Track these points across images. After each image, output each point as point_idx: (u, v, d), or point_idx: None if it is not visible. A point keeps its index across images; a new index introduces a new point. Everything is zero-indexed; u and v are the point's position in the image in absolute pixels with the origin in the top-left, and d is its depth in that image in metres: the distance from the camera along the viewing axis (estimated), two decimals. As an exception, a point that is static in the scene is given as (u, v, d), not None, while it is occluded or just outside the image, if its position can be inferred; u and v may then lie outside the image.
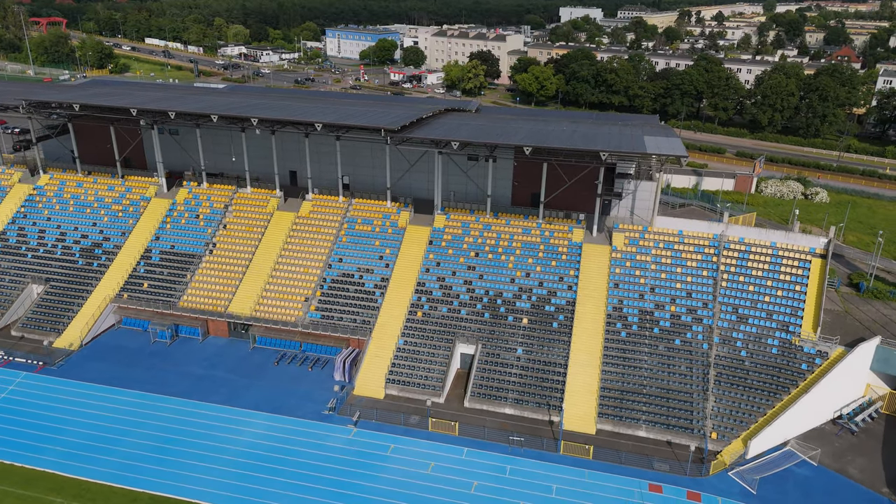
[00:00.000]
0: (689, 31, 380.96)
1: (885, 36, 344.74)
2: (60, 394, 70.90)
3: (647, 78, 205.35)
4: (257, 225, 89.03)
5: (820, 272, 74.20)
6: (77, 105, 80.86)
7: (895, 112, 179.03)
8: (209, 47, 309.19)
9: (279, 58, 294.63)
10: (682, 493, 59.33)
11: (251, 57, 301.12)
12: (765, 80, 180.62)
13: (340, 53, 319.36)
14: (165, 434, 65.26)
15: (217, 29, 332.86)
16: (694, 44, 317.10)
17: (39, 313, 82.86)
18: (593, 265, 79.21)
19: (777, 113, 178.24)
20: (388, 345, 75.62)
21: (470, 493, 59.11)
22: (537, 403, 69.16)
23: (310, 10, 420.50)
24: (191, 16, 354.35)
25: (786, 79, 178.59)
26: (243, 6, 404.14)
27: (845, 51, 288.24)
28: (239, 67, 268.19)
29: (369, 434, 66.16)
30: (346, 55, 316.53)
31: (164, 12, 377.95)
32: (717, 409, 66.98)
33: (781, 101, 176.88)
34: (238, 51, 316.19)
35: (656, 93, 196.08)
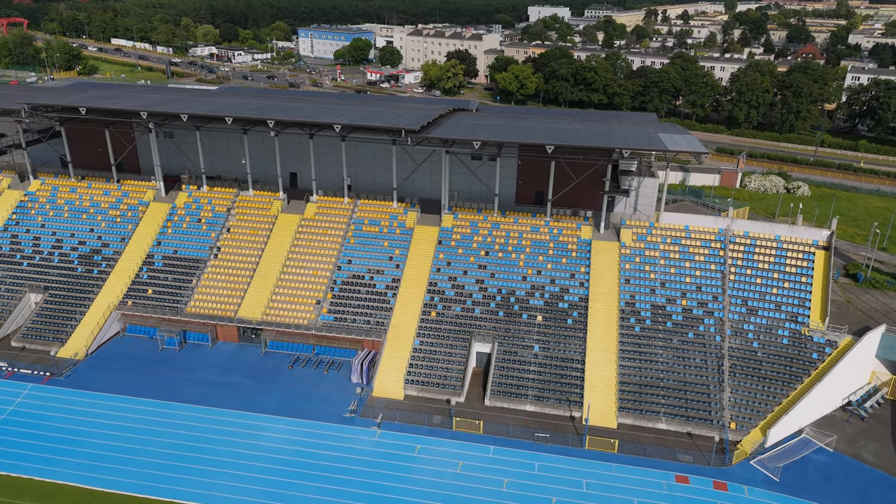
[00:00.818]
0: (656, 29, 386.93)
1: (844, 33, 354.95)
2: (72, 404, 69.19)
3: (624, 76, 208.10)
4: (262, 228, 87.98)
5: (824, 264, 76.38)
6: (84, 108, 78.78)
7: (864, 107, 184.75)
8: (179, 48, 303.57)
9: (252, 58, 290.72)
10: (708, 483, 60.57)
11: (222, 57, 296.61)
12: (740, 78, 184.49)
13: (314, 53, 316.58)
14: (186, 442, 64.18)
15: (185, 29, 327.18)
16: (664, 42, 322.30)
17: (40, 323, 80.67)
18: (603, 262, 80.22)
19: (753, 109, 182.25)
20: (404, 345, 75.52)
21: (502, 490, 59.47)
22: (558, 400, 69.84)
23: (278, 9, 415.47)
24: (157, 16, 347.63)
25: (760, 76, 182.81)
26: (210, 6, 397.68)
27: (809, 48, 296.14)
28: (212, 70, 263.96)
29: (394, 435, 66.03)
30: (319, 55, 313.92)
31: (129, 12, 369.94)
32: (734, 399, 68.49)
33: (757, 98, 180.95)
34: (208, 51, 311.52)
35: (635, 90, 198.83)
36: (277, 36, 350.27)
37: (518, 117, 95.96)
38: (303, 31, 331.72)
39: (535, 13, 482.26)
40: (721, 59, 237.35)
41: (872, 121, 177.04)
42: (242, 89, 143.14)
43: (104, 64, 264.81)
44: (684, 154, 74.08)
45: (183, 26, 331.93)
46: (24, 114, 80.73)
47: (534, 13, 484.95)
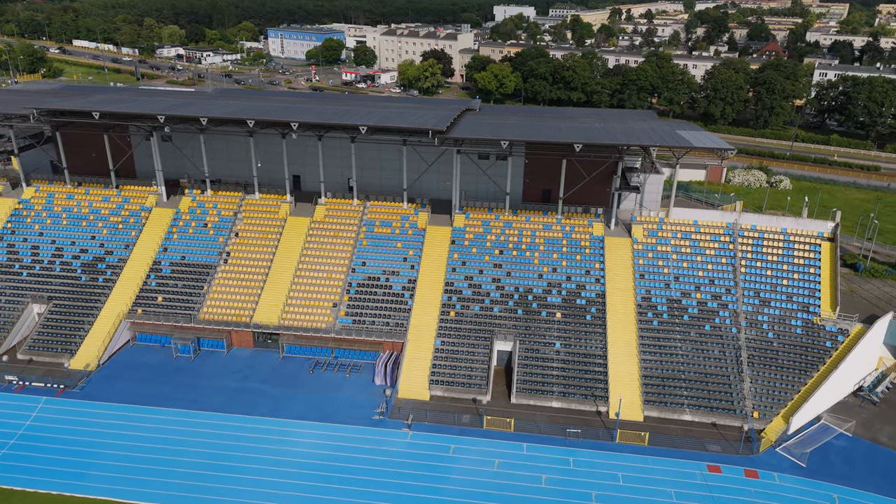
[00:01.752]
0: (622, 28, 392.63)
1: (802, 31, 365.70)
2: (91, 416, 67.40)
3: (601, 74, 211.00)
4: (271, 232, 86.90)
5: (830, 255, 78.87)
6: (97, 113, 76.62)
7: (832, 102, 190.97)
8: (144, 49, 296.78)
9: (222, 59, 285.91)
10: (739, 471, 62.09)
11: (191, 59, 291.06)
12: (715, 75, 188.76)
13: (284, 54, 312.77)
14: (216, 451, 63.14)
15: (149, 29, 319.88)
16: (633, 41, 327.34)
17: (46, 334, 78.30)
18: (617, 258, 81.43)
19: (728, 106, 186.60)
20: (426, 346, 75.51)
21: (541, 486, 60.01)
22: (583, 395, 70.69)
23: (243, 9, 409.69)
24: (119, 16, 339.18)
25: (734, 73, 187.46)
26: (173, 6, 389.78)
27: (772, 46, 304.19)
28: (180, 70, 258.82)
29: (426, 436, 66.02)
30: (290, 55, 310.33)
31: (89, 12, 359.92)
32: (754, 389, 70.30)
33: (732, 95, 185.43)
34: (174, 52, 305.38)
35: (613, 88, 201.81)
36: (244, 36, 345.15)
37: (528, 116, 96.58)
38: (272, 32, 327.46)
39: (501, 12, 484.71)
40: (693, 57, 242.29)
41: (842, 115, 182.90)
42: (241, 91, 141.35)
43: (68, 66, 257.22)
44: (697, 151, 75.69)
45: (146, 26, 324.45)
46: (32, 119, 78.14)
47: (499, 12, 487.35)
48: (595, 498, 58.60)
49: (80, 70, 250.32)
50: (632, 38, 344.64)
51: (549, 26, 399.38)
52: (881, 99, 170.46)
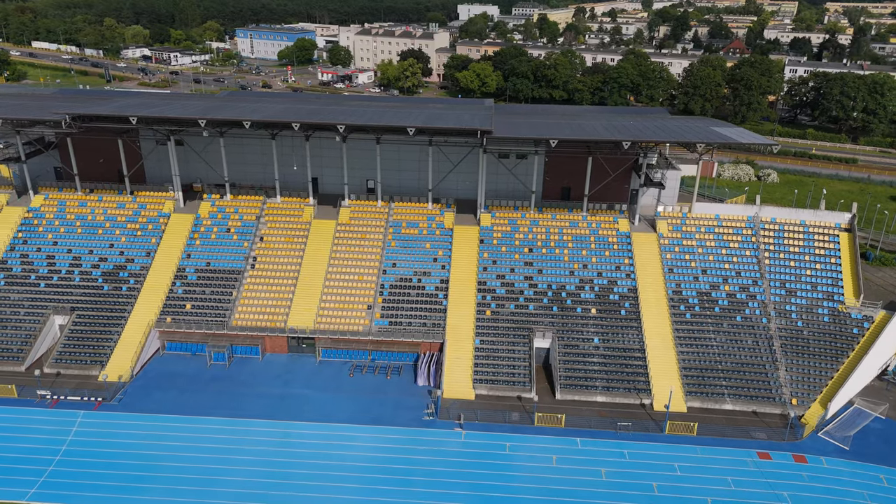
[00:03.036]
0: (587, 27, 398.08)
1: (759, 28, 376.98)
2: (136, 429, 65.71)
3: (581, 72, 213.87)
4: (297, 235, 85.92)
5: (849, 244, 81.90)
6: (134, 118, 74.44)
7: (804, 98, 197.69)
8: (109, 50, 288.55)
9: (191, 60, 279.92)
10: (788, 457, 64.16)
11: (158, 59, 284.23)
12: (694, 72, 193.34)
13: (254, 54, 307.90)
14: (271, 458, 62.32)
15: (111, 30, 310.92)
16: (602, 39, 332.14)
17: (72, 346, 75.95)
18: (645, 253, 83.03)
19: (707, 102, 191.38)
20: (466, 346, 75.77)
21: (602, 479, 60.97)
22: (626, 389, 71.97)
23: (206, 9, 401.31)
24: (78, 16, 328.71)
25: (712, 70, 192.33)
26: (133, 5, 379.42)
27: (736, 43, 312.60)
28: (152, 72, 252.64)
29: (479, 435, 66.34)
30: (260, 55, 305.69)
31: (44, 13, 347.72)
32: (789, 377, 72.64)
33: (710, 91, 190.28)
34: (140, 53, 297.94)
35: (594, 86, 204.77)
36: (210, 36, 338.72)
37: (541, 115, 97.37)
38: (241, 32, 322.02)
39: (465, 11, 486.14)
40: (670, 55, 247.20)
41: (816, 110, 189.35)
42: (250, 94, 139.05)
43: (32, 69, 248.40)
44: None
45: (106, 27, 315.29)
46: (64, 125, 75.50)
47: (463, 11, 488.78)
48: (657, 489, 59.85)
49: (45, 73, 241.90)
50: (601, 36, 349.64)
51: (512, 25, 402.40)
52: (853, 94, 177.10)
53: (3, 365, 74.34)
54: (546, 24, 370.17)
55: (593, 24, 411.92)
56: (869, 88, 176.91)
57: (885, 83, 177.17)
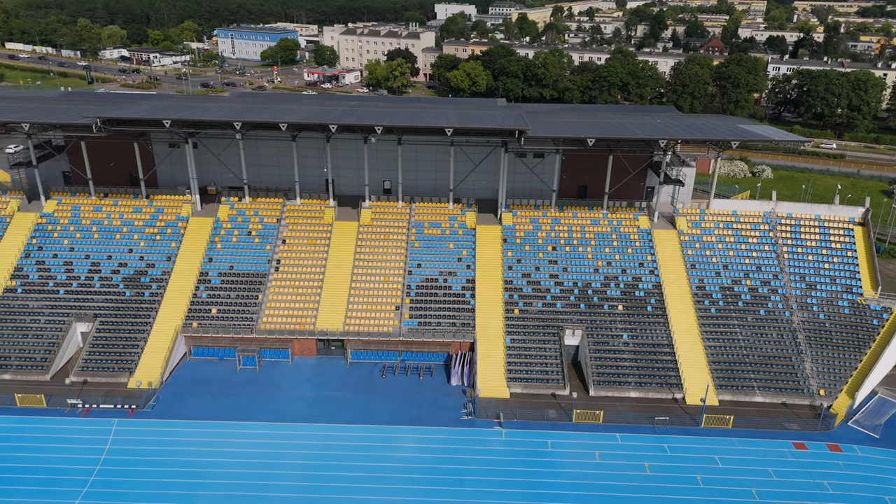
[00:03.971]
0: (566, 26, 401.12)
1: (733, 27, 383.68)
2: (176, 435, 64.85)
3: (570, 71, 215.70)
4: (319, 237, 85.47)
5: (864, 238, 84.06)
6: (168, 121, 73.22)
7: (788, 95, 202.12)
8: (87, 51, 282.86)
9: (172, 61, 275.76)
10: (822, 446, 65.75)
11: (137, 60, 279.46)
12: (682, 70, 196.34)
13: (235, 54, 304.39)
14: (320, 461, 61.98)
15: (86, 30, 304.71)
16: (584, 38, 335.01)
17: (98, 353, 74.60)
18: (666, 249, 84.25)
19: (695, 100, 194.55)
20: (496, 345, 76.16)
21: (647, 474, 61.83)
22: (658, 384, 73.00)
23: (182, 9, 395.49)
24: (52, 16, 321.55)
25: (700, 68, 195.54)
26: (107, 5, 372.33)
27: (714, 42, 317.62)
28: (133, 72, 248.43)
29: (519, 433, 66.75)
30: (241, 56, 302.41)
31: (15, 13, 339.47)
32: (815, 368, 74.38)
33: (699, 89, 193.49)
34: (118, 53, 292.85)
35: (584, 85, 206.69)
36: (188, 36, 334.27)
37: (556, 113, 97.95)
38: (222, 32, 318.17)
39: (443, 10, 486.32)
40: (652, 53, 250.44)
41: (801, 107, 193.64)
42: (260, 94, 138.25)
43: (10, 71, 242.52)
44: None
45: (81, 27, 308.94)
46: (94, 129, 73.95)
47: (441, 10, 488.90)
48: (702, 481, 60.88)
49: (23, 74, 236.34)
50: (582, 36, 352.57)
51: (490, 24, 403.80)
52: (838, 91, 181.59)
53: (28, 374, 72.79)
54: (526, 24, 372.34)
55: (571, 24, 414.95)
56: (853, 85, 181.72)
57: (868, 80, 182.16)
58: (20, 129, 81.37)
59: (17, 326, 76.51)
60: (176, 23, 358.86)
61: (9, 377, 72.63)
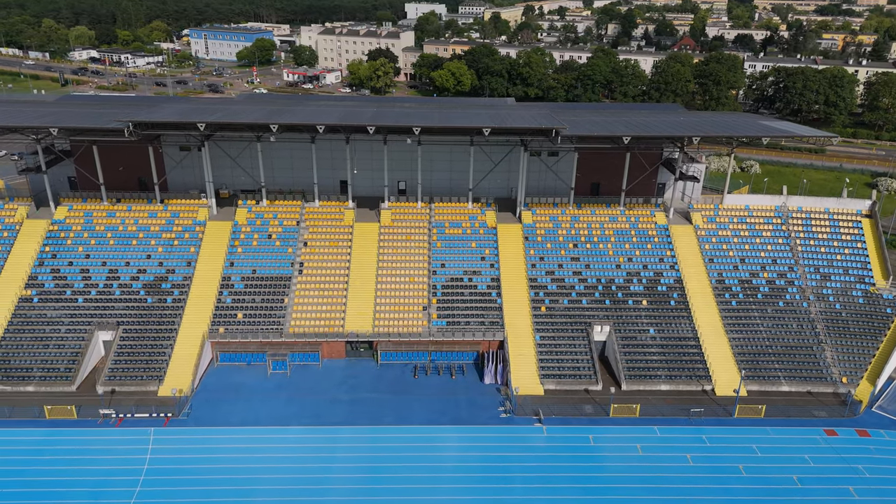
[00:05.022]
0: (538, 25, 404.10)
1: (700, 26, 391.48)
2: (217, 443, 63.94)
3: (554, 70, 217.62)
4: (341, 239, 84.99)
5: (872, 229, 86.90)
6: (202, 124, 71.77)
7: (767, 92, 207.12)
8: (56, 52, 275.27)
9: (146, 62, 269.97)
10: (852, 432, 67.91)
11: (105, 62, 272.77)
12: (665, 69, 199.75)
13: (209, 55, 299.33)
14: (369, 463, 61.79)
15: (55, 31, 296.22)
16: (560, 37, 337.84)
17: (124, 362, 73.08)
18: (684, 244, 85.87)
19: (678, 98, 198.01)
20: (526, 342, 76.76)
21: (690, 465, 63.08)
22: (688, 376, 74.44)
23: (149, 8, 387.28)
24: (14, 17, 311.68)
25: (681, 66, 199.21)
26: (72, 5, 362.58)
27: (686, 40, 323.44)
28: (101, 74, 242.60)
29: (560, 429, 67.46)
30: (216, 56, 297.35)
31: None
32: (835, 357, 76.71)
33: (681, 87, 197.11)
34: (87, 55, 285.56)
35: (568, 84, 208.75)
36: (157, 36, 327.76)
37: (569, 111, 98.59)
38: (195, 32, 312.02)
39: (413, 10, 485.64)
40: (636, 51, 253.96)
41: (779, 103, 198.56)
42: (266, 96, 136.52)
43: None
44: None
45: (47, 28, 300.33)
46: (127, 133, 72.14)
47: (411, 10, 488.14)
48: (744, 470, 62.35)
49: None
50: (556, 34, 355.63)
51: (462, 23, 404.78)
52: (815, 87, 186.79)
53: (52, 385, 70.93)
54: (499, 23, 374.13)
55: (544, 22, 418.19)
56: (829, 82, 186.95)
57: (844, 77, 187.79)
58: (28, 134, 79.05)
59: (37, 336, 74.49)
60: (144, 23, 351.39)
61: (32, 389, 70.72)
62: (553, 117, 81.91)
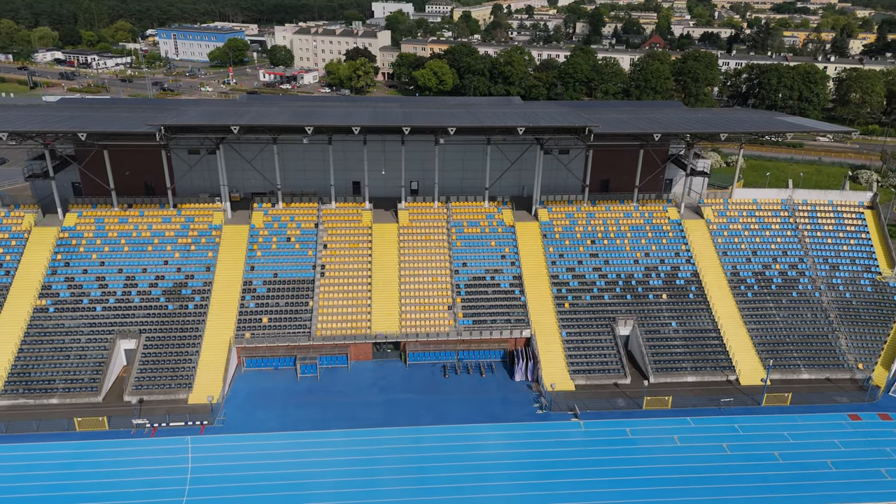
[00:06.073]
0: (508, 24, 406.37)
1: (666, 24, 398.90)
2: (257, 449, 63.07)
3: (534, 69, 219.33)
4: (361, 240, 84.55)
5: (874, 220, 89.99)
6: (236, 127, 70.38)
7: (738, 89, 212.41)
8: (19, 54, 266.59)
9: (115, 62, 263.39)
10: (874, 416, 70.38)
11: (76, 62, 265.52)
12: (644, 66, 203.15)
13: (179, 55, 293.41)
14: (416, 464, 61.78)
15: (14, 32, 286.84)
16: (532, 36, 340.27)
17: (149, 370, 71.58)
18: (697, 238, 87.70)
19: (658, 95, 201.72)
20: (553, 339, 77.54)
21: (727, 453, 64.59)
22: (712, 367, 76.12)
23: (112, 8, 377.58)
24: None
25: (660, 64, 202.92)
26: (31, 5, 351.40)
27: (655, 38, 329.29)
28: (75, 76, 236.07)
29: (596, 423, 68.37)
30: (186, 57, 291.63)
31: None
32: (849, 344, 79.31)
33: (660, 84, 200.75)
34: (51, 56, 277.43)
35: (549, 82, 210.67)
36: (122, 37, 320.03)
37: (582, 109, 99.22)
38: (163, 32, 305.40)
39: (380, 9, 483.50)
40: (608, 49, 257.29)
41: (754, 99, 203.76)
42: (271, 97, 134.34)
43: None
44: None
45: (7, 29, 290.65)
46: (158, 137, 70.32)
47: (378, 9, 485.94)
48: (779, 457, 64.12)
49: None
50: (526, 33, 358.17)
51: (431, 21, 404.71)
52: (790, 83, 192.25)
53: (77, 397, 69.01)
54: (470, 21, 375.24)
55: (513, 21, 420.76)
56: (802, 78, 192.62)
57: (816, 73, 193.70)
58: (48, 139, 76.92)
59: (57, 347, 72.43)
60: (107, 23, 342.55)
61: (56, 401, 68.72)
62: (580, 115, 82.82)
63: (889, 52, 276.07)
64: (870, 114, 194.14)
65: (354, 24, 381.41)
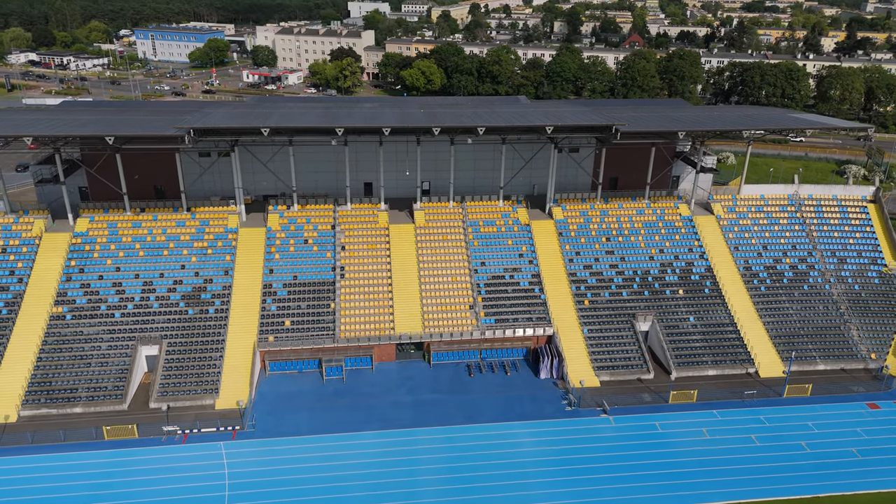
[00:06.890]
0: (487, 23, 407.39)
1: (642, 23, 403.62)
2: (292, 453, 62.68)
3: (521, 68, 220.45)
4: (379, 241, 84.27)
5: (878, 213, 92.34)
6: (266, 129, 69.44)
7: (721, 87, 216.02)
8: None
9: (93, 64, 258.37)
10: (891, 405, 72.30)
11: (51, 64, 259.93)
12: (631, 65, 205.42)
13: (157, 56, 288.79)
14: (453, 463, 61.85)
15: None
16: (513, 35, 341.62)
17: (173, 377, 70.57)
18: (709, 234, 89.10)
19: (644, 93, 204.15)
20: (575, 336, 78.20)
21: (756, 444, 65.81)
22: (732, 361, 77.46)
23: (84, 8, 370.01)
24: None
25: (646, 63, 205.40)
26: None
27: (634, 37, 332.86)
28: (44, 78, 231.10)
29: (625, 418, 69.17)
30: (164, 58, 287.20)
31: None
32: (861, 335, 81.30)
33: (647, 82, 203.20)
34: (25, 57, 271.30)
35: (537, 81, 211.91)
36: (97, 37, 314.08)
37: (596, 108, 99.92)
38: (140, 32, 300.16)
39: (356, 8, 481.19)
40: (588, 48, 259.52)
41: (739, 96, 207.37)
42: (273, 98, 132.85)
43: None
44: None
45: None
46: (187, 140, 69.07)
47: (354, 8, 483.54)
48: (807, 446, 65.56)
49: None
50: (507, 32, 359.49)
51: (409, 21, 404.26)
52: (772, 80, 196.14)
53: (101, 405, 67.77)
54: (450, 20, 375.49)
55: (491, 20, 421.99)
56: (784, 75, 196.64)
57: (798, 70, 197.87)
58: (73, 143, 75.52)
59: (77, 355, 71.03)
60: (80, 23, 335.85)
61: (80, 410, 67.39)
62: (601, 114, 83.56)
63: (860, 50, 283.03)
64: (849, 110, 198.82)
65: (333, 23, 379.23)
